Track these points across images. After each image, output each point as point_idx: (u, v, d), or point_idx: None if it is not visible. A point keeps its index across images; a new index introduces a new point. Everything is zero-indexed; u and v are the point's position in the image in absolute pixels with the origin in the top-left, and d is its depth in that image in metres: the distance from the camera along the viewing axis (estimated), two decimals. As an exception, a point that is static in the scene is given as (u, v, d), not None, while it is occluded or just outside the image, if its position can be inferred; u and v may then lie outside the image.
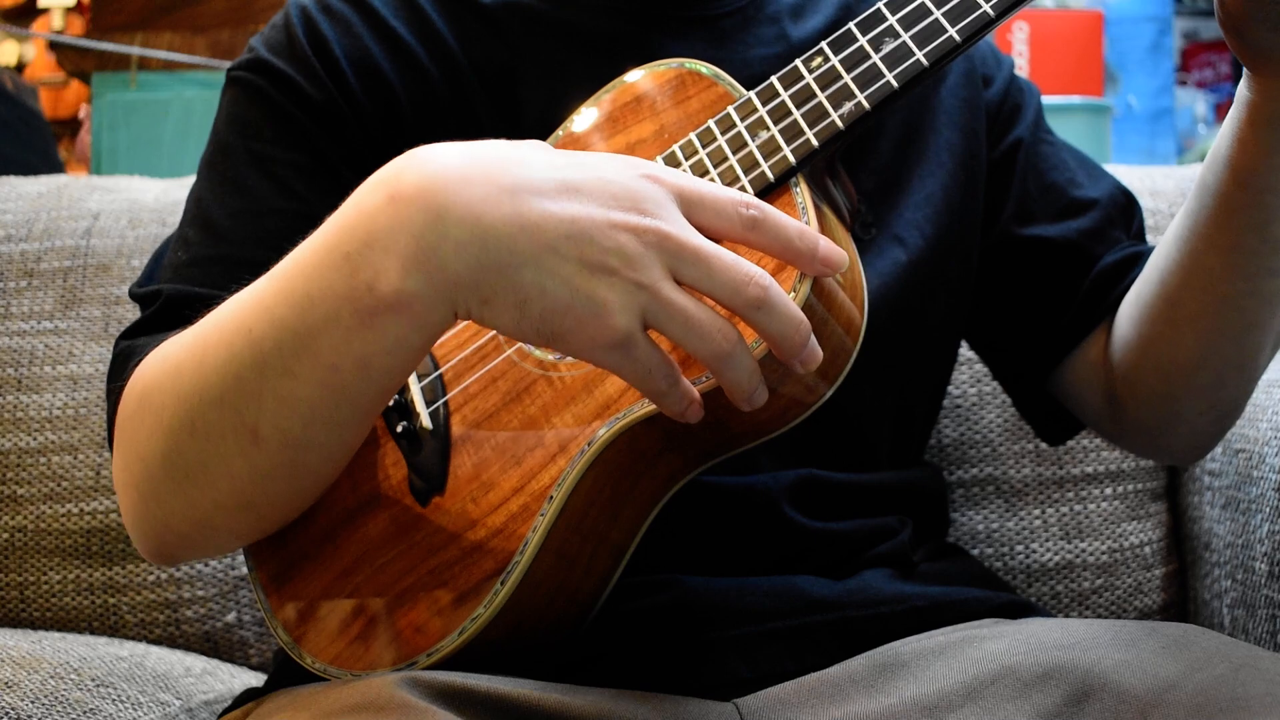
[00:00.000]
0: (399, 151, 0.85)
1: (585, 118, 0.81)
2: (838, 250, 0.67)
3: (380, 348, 0.66)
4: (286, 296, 0.69)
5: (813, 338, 0.66)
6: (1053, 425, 0.99)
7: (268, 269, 0.73)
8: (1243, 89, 0.75)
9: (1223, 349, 0.84)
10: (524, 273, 0.62)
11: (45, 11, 3.50)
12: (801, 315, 0.65)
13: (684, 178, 0.65)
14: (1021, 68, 2.59)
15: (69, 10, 3.43)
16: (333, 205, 0.83)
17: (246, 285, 0.75)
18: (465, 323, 0.78)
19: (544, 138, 0.82)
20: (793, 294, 0.67)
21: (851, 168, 0.83)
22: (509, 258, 0.62)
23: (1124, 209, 0.96)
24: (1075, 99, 2.50)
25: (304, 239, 0.71)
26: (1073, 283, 0.93)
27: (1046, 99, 1.01)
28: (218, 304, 0.75)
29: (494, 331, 0.77)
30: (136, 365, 0.78)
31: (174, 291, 0.82)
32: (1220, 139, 0.78)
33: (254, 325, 0.70)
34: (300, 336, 0.67)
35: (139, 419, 0.76)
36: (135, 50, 2.70)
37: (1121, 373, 0.90)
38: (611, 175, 0.64)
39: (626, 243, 0.62)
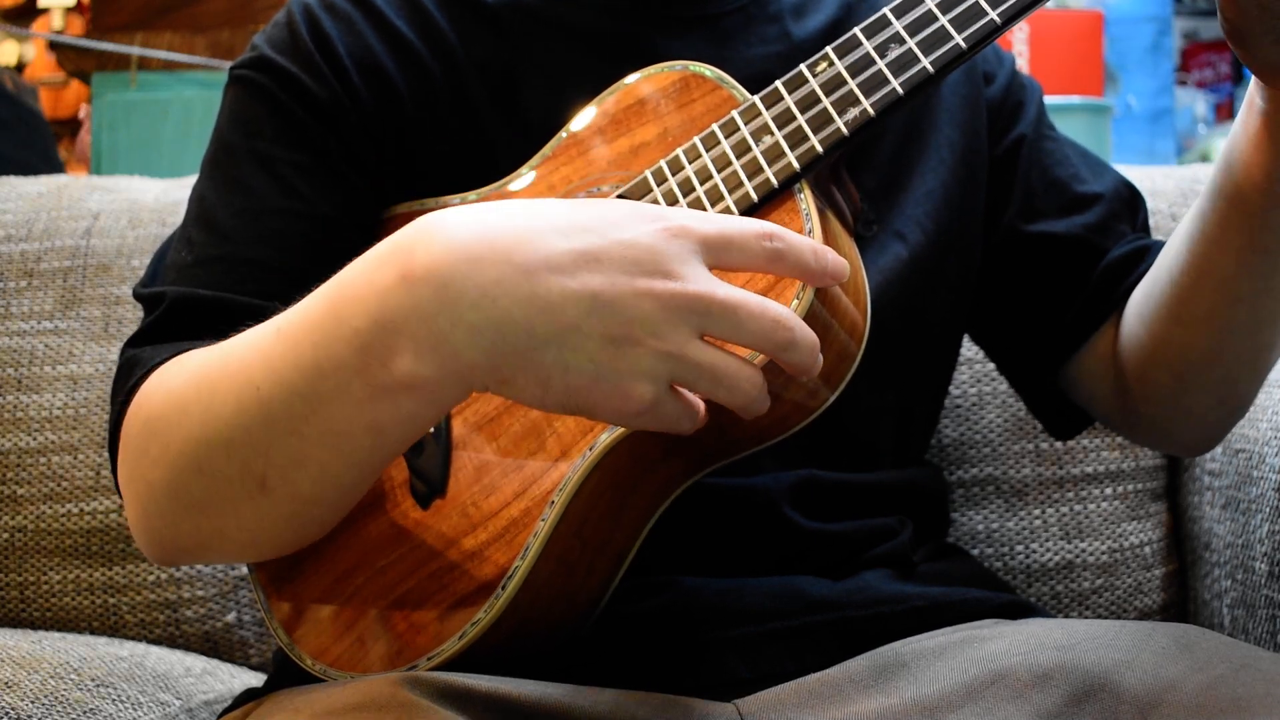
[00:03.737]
0: (403, 150, 0.85)
1: (588, 119, 0.81)
2: (841, 261, 0.67)
3: (393, 419, 0.66)
4: (294, 361, 0.67)
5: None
6: (1062, 421, 0.99)
7: (271, 268, 0.72)
8: (1254, 94, 0.75)
9: (1235, 346, 0.84)
10: (545, 353, 0.61)
11: (45, 11, 3.51)
12: (815, 339, 0.65)
13: (707, 223, 0.63)
14: (1021, 68, 2.58)
15: (69, 10, 3.43)
16: (335, 204, 0.83)
17: (249, 286, 0.75)
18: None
19: (546, 137, 0.82)
20: (795, 301, 0.67)
21: (853, 165, 0.83)
22: (527, 340, 0.61)
23: (1128, 202, 0.96)
24: (1075, 99, 2.50)
25: (305, 238, 0.71)
26: (1081, 277, 0.93)
27: (1046, 99, 1.01)
28: (221, 307, 0.75)
29: None
30: (141, 378, 0.77)
31: (178, 295, 0.82)
32: (1232, 143, 0.78)
33: (261, 383, 0.69)
34: (309, 402, 0.67)
35: (144, 446, 0.75)
36: (135, 50, 2.71)
37: (1132, 369, 0.90)
38: (632, 237, 0.62)
39: (652, 311, 0.61)
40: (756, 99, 0.74)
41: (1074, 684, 0.65)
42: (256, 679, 1.14)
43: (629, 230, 0.62)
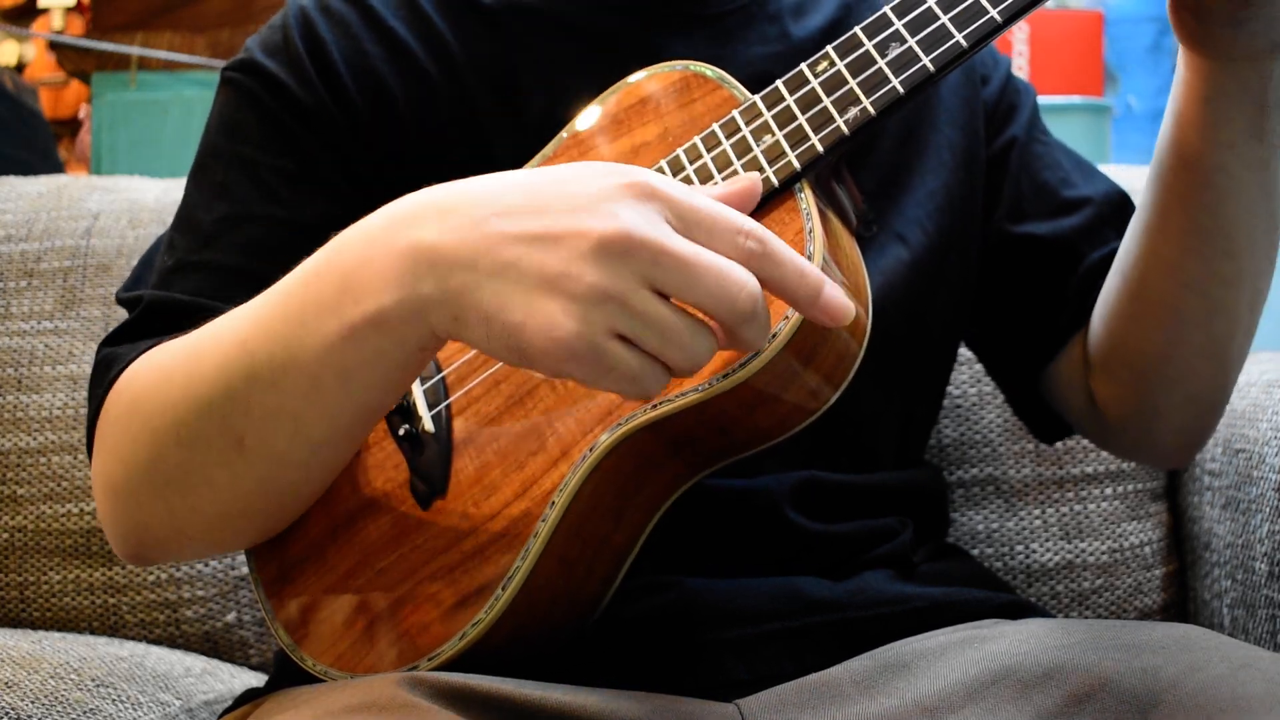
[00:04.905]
0: (396, 155, 0.85)
1: (589, 119, 0.81)
2: (842, 302, 0.63)
3: (359, 360, 0.67)
4: (283, 310, 0.70)
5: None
6: (1047, 424, 0.99)
7: (249, 276, 0.73)
8: (1180, 70, 0.76)
9: (1190, 338, 0.84)
10: (486, 288, 0.62)
11: (45, 11, 3.50)
12: (769, 319, 0.62)
13: (682, 192, 0.62)
14: (1021, 68, 2.59)
15: (69, 10, 3.43)
16: (319, 211, 0.83)
17: (226, 292, 0.75)
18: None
19: (546, 138, 0.82)
20: None
21: (853, 165, 0.83)
22: (470, 275, 0.62)
23: (1118, 208, 0.96)
24: (1075, 99, 2.51)
25: (285, 246, 0.72)
26: (1062, 281, 0.93)
27: (1047, 99, 1.02)
28: (197, 311, 0.76)
29: None
30: (121, 371, 0.78)
31: (154, 298, 0.83)
32: (1165, 125, 0.79)
33: (248, 338, 0.71)
34: (289, 348, 0.68)
35: (125, 424, 0.76)
36: (135, 50, 2.71)
37: (1097, 370, 0.90)
38: (585, 188, 0.62)
39: (590, 250, 0.60)
40: (757, 98, 0.74)
41: (1074, 683, 0.65)
42: (257, 679, 1.14)
43: (586, 184, 0.62)
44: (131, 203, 1.29)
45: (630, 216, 0.60)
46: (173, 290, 0.83)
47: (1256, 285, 0.83)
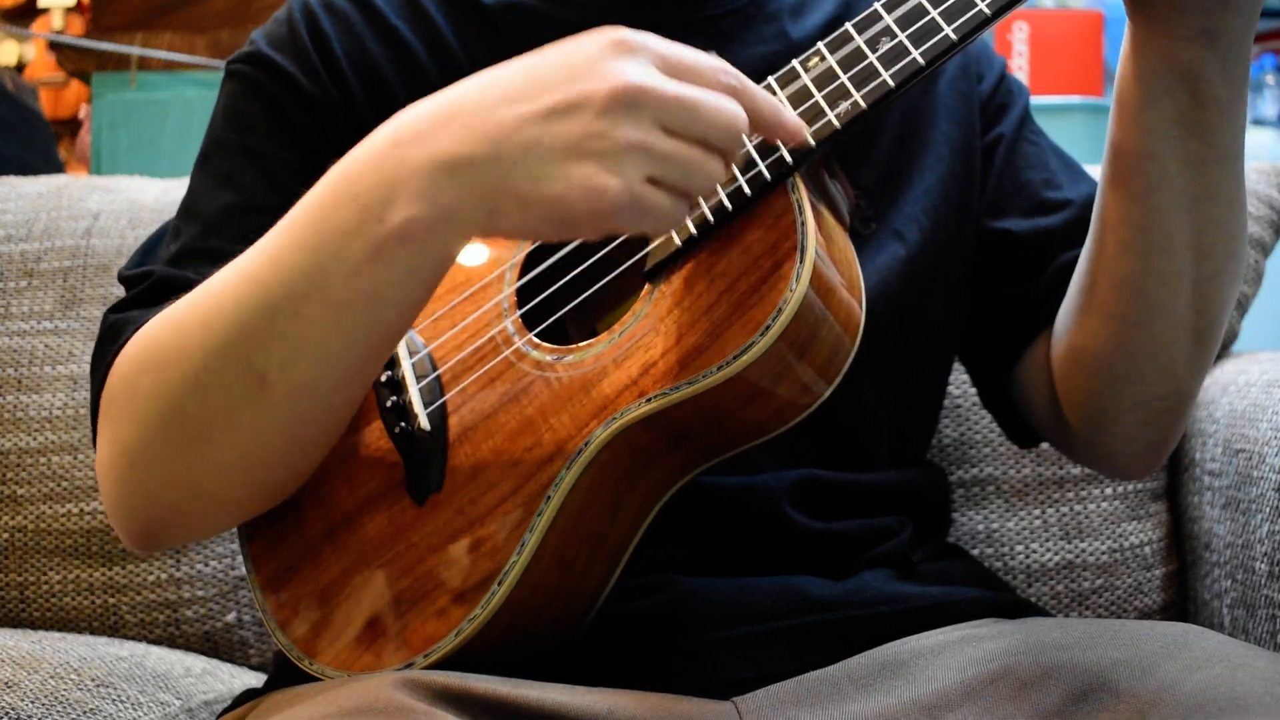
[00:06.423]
0: None
1: None
2: (798, 122, 0.70)
3: (390, 279, 0.68)
4: (295, 242, 0.70)
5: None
6: (1018, 426, 0.98)
7: None
8: (1123, 45, 0.76)
9: (1133, 337, 0.83)
10: (515, 175, 0.64)
11: (45, 11, 3.50)
12: (775, 112, 0.68)
13: (661, 41, 0.66)
14: (1021, 68, 2.58)
15: (69, 10, 3.43)
16: None
17: None
18: (463, 325, 0.78)
19: None
20: (789, 291, 0.67)
21: (851, 163, 0.83)
22: (497, 167, 0.64)
23: None
24: (1075, 99, 2.50)
25: None
26: (1033, 279, 0.93)
27: (1047, 99, 1.01)
28: None
29: (492, 334, 0.77)
30: (133, 333, 0.78)
31: (165, 273, 0.83)
32: (1110, 119, 0.79)
33: (261, 273, 0.71)
34: (310, 277, 0.69)
35: (136, 383, 0.75)
36: (135, 50, 2.71)
37: (1057, 372, 0.90)
38: (577, 56, 0.65)
39: (604, 107, 0.63)
40: None
41: (1072, 683, 0.65)
42: (256, 679, 1.14)
43: (575, 54, 0.65)
44: (131, 203, 1.30)
45: (629, 69, 0.64)
46: (180, 271, 0.83)
47: (1205, 291, 0.81)
